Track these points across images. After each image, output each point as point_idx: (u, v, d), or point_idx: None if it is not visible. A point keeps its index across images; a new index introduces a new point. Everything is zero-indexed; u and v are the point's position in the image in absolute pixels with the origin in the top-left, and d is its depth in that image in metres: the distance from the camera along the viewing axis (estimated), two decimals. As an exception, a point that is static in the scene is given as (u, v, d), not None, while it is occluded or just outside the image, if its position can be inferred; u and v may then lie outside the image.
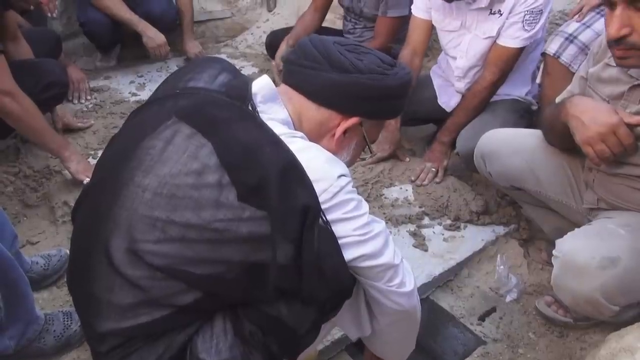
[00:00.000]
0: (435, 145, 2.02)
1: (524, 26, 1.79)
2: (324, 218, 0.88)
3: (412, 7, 2.04)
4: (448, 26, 1.95)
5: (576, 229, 1.34)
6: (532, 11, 1.77)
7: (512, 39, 1.82)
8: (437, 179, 1.98)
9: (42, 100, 1.91)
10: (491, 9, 1.82)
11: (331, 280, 0.89)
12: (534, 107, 2.03)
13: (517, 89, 2.00)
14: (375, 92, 0.97)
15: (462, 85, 2.02)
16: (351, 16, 2.55)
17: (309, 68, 0.97)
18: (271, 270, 0.85)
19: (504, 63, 1.85)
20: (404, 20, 2.33)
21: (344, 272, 0.92)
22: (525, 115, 1.98)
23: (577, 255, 1.24)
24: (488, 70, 1.89)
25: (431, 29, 2.04)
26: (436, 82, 2.15)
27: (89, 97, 2.57)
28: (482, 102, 1.92)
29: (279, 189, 0.82)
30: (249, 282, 0.87)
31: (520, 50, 1.84)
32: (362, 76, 0.95)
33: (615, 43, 1.12)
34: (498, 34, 1.84)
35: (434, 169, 1.99)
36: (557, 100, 1.46)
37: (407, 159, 2.11)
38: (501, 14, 1.81)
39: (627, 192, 1.32)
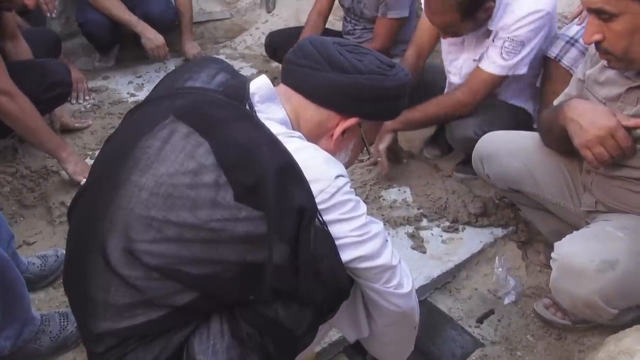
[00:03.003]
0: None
1: (501, 53, 1.74)
2: (320, 219, 0.87)
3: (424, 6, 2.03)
4: (451, 38, 1.92)
5: (574, 232, 1.34)
6: (513, 39, 1.71)
7: (488, 62, 1.77)
8: (382, 171, 1.96)
9: (45, 100, 1.90)
10: (489, 33, 1.79)
11: (328, 281, 0.89)
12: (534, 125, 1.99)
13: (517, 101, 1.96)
14: (374, 92, 0.97)
15: None
16: (351, 17, 2.55)
17: (309, 68, 0.97)
18: (267, 271, 0.85)
19: (476, 85, 1.79)
20: (404, 22, 2.33)
21: (341, 273, 0.91)
22: (523, 123, 1.94)
23: (576, 258, 1.23)
24: (460, 88, 1.84)
25: (438, 34, 2.03)
26: (447, 81, 2.12)
27: (87, 98, 2.57)
28: (443, 113, 1.84)
29: (275, 189, 0.82)
30: (245, 283, 0.87)
31: (496, 78, 1.77)
32: (361, 77, 0.95)
33: (595, 48, 1.19)
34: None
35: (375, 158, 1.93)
36: (555, 103, 1.46)
37: (405, 161, 2.11)
38: (490, 35, 1.78)
39: (625, 195, 1.32)
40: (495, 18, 1.74)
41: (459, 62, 1.92)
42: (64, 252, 1.54)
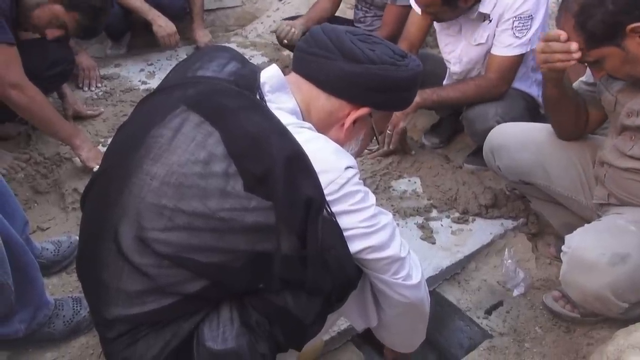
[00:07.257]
0: None
1: (514, 33, 1.75)
2: (328, 210, 0.88)
3: (412, 0, 2.01)
4: (447, 29, 1.93)
5: (586, 225, 1.33)
6: (520, 17, 1.73)
7: (505, 47, 1.78)
8: (391, 146, 1.96)
9: (47, 77, 1.91)
10: (483, 16, 1.80)
11: (336, 271, 0.89)
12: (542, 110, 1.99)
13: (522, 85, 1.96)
14: (387, 83, 0.97)
15: None
16: (362, 5, 2.54)
17: (321, 57, 0.96)
18: (276, 261, 0.86)
19: (501, 72, 1.81)
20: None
21: (349, 263, 0.92)
22: (533, 109, 1.94)
23: (587, 251, 1.23)
24: (485, 76, 1.84)
25: (429, 26, 2.02)
26: (448, 72, 2.12)
27: (99, 85, 2.58)
28: (472, 93, 1.84)
29: (283, 180, 0.83)
30: (254, 272, 0.88)
31: (519, 57, 1.79)
32: (373, 66, 0.95)
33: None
34: (487, 40, 1.81)
35: (389, 132, 1.93)
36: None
37: (413, 152, 2.10)
38: (490, 20, 1.79)
39: (638, 187, 1.31)
40: (488, 2, 1.75)
41: (457, 52, 1.92)
42: (77, 238, 1.58)
